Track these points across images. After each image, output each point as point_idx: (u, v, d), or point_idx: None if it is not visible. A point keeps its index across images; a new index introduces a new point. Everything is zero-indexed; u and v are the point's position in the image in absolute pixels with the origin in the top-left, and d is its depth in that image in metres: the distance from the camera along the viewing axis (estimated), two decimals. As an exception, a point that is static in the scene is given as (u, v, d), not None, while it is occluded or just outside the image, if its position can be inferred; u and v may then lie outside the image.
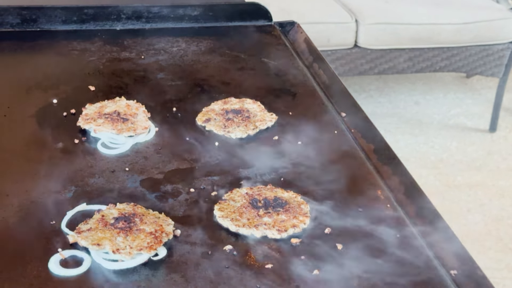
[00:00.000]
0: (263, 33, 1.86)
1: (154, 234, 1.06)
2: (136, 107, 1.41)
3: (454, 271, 1.05)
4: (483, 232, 2.84)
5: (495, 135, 3.60)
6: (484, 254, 2.67)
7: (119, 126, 1.33)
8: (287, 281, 1.02)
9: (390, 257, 1.07)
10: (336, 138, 1.39)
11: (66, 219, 1.11)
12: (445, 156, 3.38)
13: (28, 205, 1.15)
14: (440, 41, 3.45)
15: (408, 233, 1.13)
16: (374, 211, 1.18)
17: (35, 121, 1.39)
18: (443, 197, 3.02)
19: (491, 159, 3.39)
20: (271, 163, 1.30)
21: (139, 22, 1.83)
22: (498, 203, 3.04)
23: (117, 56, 1.68)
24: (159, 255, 1.05)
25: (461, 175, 3.23)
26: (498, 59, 3.53)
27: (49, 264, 1.02)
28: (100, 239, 1.04)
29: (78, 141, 1.33)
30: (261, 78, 1.64)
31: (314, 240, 1.10)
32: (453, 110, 3.78)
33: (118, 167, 1.26)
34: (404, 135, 3.51)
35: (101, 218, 1.09)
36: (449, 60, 3.51)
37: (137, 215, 1.09)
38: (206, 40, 1.79)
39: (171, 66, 1.66)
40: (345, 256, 1.07)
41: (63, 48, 1.70)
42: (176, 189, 1.21)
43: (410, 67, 3.49)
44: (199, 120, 1.42)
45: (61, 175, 1.23)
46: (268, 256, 1.06)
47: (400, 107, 3.78)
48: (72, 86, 1.53)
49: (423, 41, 3.44)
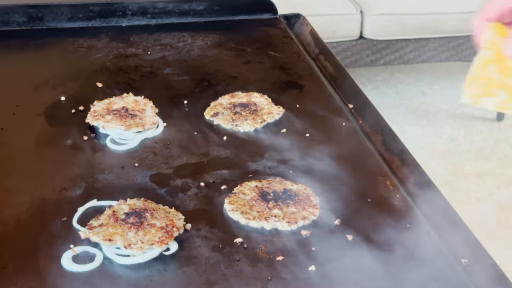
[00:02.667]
0: (268, 26, 1.86)
1: (165, 229, 1.06)
2: (144, 102, 1.41)
3: (465, 260, 1.05)
4: (493, 221, 2.83)
5: (502, 124, 3.59)
6: (494, 242, 2.66)
7: (127, 122, 1.34)
8: (298, 273, 1.02)
9: (401, 247, 1.07)
10: (344, 130, 1.39)
11: (77, 215, 1.12)
12: (453, 145, 3.37)
13: (39, 202, 1.15)
14: (446, 31, 3.44)
15: (417, 222, 1.14)
16: (383, 202, 1.18)
17: (44, 118, 1.40)
18: (451, 187, 3.02)
19: (499, 147, 3.38)
20: (279, 156, 1.30)
21: (144, 18, 1.84)
22: (507, 192, 3.03)
23: (123, 52, 1.69)
24: (171, 250, 1.05)
25: (469, 164, 3.22)
26: (505, 47, 3.52)
27: (61, 260, 1.03)
28: (111, 234, 1.05)
29: (87, 138, 1.33)
30: (267, 71, 1.64)
31: (324, 231, 1.11)
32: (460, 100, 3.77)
33: (128, 163, 1.27)
34: (412, 126, 3.50)
35: (112, 213, 1.09)
36: (455, 50, 3.50)
37: (148, 210, 1.10)
38: (212, 35, 1.80)
39: (178, 61, 1.66)
40: (355, 246, 1.08)
41: (69, 46, 1.71)
42: (185, 184, 1.22)
43: (416, 57, 3.48)
44: (207, 115, 1.42)
45: (71, 172, 1.23)
46: (279, 249, 1.07)
47: (407, 97, 3.77)
48: (80, 83, 1.53)
49: (429, 31, 3.43)
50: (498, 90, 1.01)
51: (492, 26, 1.01)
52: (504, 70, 1.01)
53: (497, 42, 1.00)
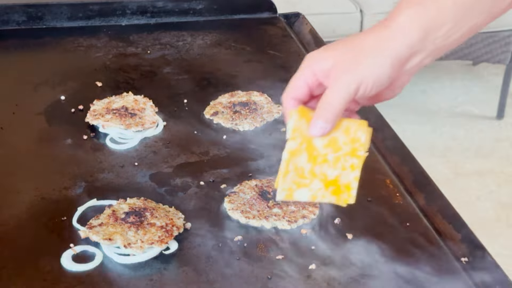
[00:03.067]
0: (268, 25, 1.86)
1: (165, 228, 1.06)
2: (144, 101, 1.41)
3: (465, 259, 1.05)
4: (493, 219, 2.84)
5: (502, 122, 3.59)
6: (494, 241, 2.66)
7: (127, 121, 1.34)
8: (298, 271, 1.02)
9: (400, 246, 1.07)
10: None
11: (77, 215, 1.12)
12: (453, 144, 3.37)
13: (38, 201, 1.15)
14: (446, 29, 3.44)
15: (417, 221, 1.14)
16: (383, 201, 1.18)
17: (44, 118, 1.40)
18: (452, 185, 3.02)
19: (499, 146, 3.38)
20: (279, 155, 1.30)
21: (144, 17, 1.83)
22: (507, 190, 3.03)
23: (123, 52, 1.69)
24: (171, 249, 1.05)
25: (469, 162, 3.22)
26: (505, 46, 3.52)
27: (61, 259, 1.03)
28: (111, 233, 1.05)
29: (87, 137, 1.33)
30: (267, 70, 1.64)
31: (324, 230, 1.11)
32: (460, 98, 3.77)
33: (127, 162, 1.27)
34: (412, 124, 3.50)
35: (112, 213, 1.09)
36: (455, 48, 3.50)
37: (148, 209, 1.10)
38: (211, 34, 1.79)
39: (177, 60, 1.66)
40: (355, 245, 1.08)
41: (69, 45, 1.71)
42: (185, 183, 1.22)
43: (416, 55, 3.47)
44: (206, 114, 1.42)
45: (70, 171, 1.23)
46: (279, 247, 1.07)
47: (407, 96, 3.77)
48: (80, 82, 1.53)
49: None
50: (310, 180, 0.98)
51: (294, 112, 0.97)
52: (314, 158, 0.97)
53: (302, 128, 0.96)
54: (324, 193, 0.99)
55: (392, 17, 0.92)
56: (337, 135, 0.97)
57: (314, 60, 0.95)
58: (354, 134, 0.98)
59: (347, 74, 0.91)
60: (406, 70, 0.94)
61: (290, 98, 0.97)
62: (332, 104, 0.92)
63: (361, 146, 0.98)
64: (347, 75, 0.91)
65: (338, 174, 0.98)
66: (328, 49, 0.96)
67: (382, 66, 0.91)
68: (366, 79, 0.91)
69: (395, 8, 0.94)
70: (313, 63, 0.94)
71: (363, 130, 0.98)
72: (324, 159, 0.98)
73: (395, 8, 0.94)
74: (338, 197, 1.00)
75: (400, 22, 0.91)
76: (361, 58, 0.91)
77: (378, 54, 0.91)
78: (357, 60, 0.91)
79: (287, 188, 0.98)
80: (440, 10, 0.91)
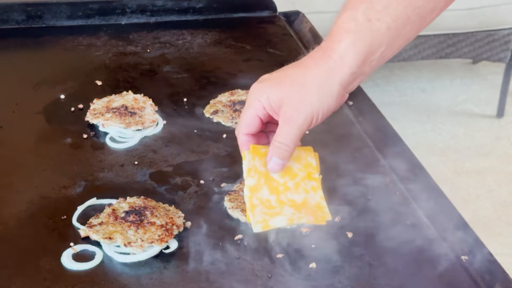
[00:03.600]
0: (268, 24, 1.86)
1: (165, 227, 1.06)
2: (144, 100, 1.41)
3: (465, 257, 1.05)
4: (493, 218, 2.83)
5: (502, 121, 3.58)
6: (494, 239, 2.67)
7: (127, 120, 1.34)
8: (298, 270, 1.02)
9: (401, 245, 1.07)
10: (343, 127, 1.39)
11: (77, 214, 1.12)
12: (453, 142, 3.37)
13: (38, 200, 1.15)
14: (446, 27, 3.44)
15: (417, 220, 1.14)
16: (383, 199, 1.18)
17: (43, 117, 1.40)
18: (452, 184, 3.02)
19: (499, 144, 3.38)
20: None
21: (144, 16, 1.83)
22: (507, 189, 3.03)
23: (123, 50, 1.68)
24: (171, 248, 1.05)
25: (469, 161, 3.22)
26: (504, 44, 3.51)
27: (61, 258, 1.03)
28: (111, 232, 1.05)
29: (87, 136, 1.33)
30: (267, 69, 1.61)
31: (324, 228, 1.11)
32: (460, 97, 3.77)
33: (127, 161, 1.27)
34: (412, 123, 3.50)
35: (112, 212, 1.09)
36: (455, 47, 3.50)
37: (148, 208, 1.10)
38: (211, 32, 1.79)
39: (177, 59, 1.66)
40: (355, 244, 1.08)
41: (69, 44, 1.71)
42: (185, 182, 1.22)
43: (415, 54, 3.47)
44: (206, 112, 1.42)
45: (70, 170, 1.23)
46: (279, 246, 1.07)
47: (406, 94, 3.77)
48: (79, 81, 1.53)
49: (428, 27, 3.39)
50: (280, 208, 1.02)
51: (247, 153, 1.02)
52: (275, 188, 1.02)
53: (257, 166, 1.02)
54: (299, 215, 1.03)
55: (333, 46, 0.96)
56: (290, 164, 1.04)
57: (263, 93, 0.99)
58: (305, 160, 1.06)
59: (299, 113, 0.96)
60: (346, 91, 0.99)
61: (243, 134, 1.01)
62: (286, 143, 0.97)
63: (314, 169, 1.06)
64: (299, 114, 0.96)
65: (304, 197, 1.04)
66: (274, 81, 0.99)
67: (331, 96, 0.96)
68: (317, 112, 0.96)
69: (334, 32, 0.97)
70: (261, 97, 0.98)
71: (311, 156, 1.06)
72: (285, 187, 1.04)
73: (334, 32, 0.97)
74: (314, 216, 1.04)
75: (342, 52, 0.95)
76: (311, 94, 0.96)
77: (326, 87, 0.96)
78: (306, 96, 0.96)
79: (261, 220, 1.02)
80: (375, 36, 0.95)
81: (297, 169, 1.06)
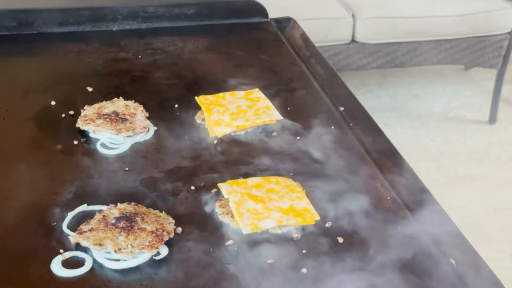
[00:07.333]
0: (259, 30, 1.86)
1: (155, 233, 1.06)
2: (135, 107, 1.41)
3: (456, 262, 1.05)
4: (485, 223, 2.84)
5: (494, 127, 3.59)
6: (487, 245, 2.67)
7: (118, 126, 1.33)
8: (289, 275, 1.02)
9: (392, 250, 1.07)
10: (335, 133, 1.39)
11: (67, 220, 1.11)
12: (445, 148, 3.38)
13: (29, 207, 1.15)
14: (438, 34, 3.45)
15: (408, 225, 1.13)
16: (375, 204, 1.18)
17: (34, 123, 1.39)
18: (444, 190, 3.02)
19: (491, 150, 3.39)
20: (270, 159, 1.30)
21: (135, 22, 1.83)
22: (500, 194, 3.04)
23: (114, 57, 1.68)
24: (161, 254, 1.05)
25: (462, 167, 3.23)
26: (496, 50, 3.53)
27: (51, 265, 1.02)
28: (101, 239, 1.04)
29: (78, 142, 1.33)
30: (258, 74, 1.64)
31: (315, 234, 1.10)
32: (452, 103, 3.78)
33: (118, 167, 1.26)
34: (404, 129, 3.50)
35: (102, 218, 1.09)
36: (447, 53, 3.51)
37: (138, 215, 1.09)
38: (202, 38, 1.79)
39: (169, 65, 1.66)
40: (346, 249, 1.07)
41: (60, 50, 1.70)
42: (176, 188, 1.21)
43: (408, 60, 3.48)
44: (197, 118, 1.42)
45: (61, 177, 1.23)
46: (270, 252, 1.06)
47: (399, 100, 3.78)
48: (70, 88, 1.53)
49: (420, 34, 3.43)
50: (268, 213, 1.11)
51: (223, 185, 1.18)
52: (260, 200, 1.13)
53: (238, 189, 1.16)
54: (287, 217, 1.11)
55: None
56: (271, 187, 1.16)
57: None
58: (285, 183, 1.18)
59: None
60: None
61: None
62: None
63: (296, 186, 1.18)
64: None
65: (290, 204, 1.13)
66: None
67: None
68: None
69: None
70: None
71: (291, 181, 1.19)
72: (270, 198, 1.14)
73: None
74: (302, 217, 1.11)
75: None
76: None
77: None
78: None
79: (249, 224, 1.09)
80: None
81: (279, 188, 1.15)
